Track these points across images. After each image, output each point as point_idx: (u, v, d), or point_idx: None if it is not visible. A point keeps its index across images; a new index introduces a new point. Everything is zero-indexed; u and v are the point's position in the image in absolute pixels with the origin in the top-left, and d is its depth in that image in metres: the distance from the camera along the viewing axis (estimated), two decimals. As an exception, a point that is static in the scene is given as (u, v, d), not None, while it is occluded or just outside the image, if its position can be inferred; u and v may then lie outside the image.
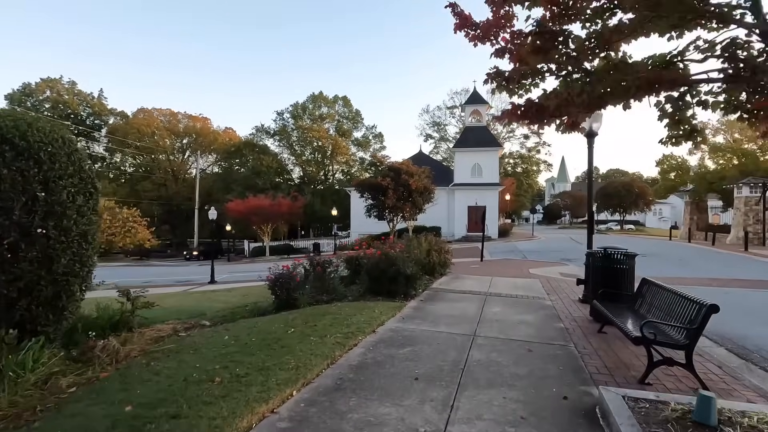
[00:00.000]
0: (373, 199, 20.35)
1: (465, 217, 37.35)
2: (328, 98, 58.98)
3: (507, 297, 8.55)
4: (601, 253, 6.51)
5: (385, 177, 19.51)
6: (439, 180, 37.90)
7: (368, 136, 60.88)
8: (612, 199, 48.19)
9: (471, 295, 8.63)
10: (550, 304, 7.86)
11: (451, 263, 12.36)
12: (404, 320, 6.35)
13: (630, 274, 6.32)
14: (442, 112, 64.31)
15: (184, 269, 33.19)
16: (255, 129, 58.29)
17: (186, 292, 16.22)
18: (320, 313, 6.55)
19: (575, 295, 8.91)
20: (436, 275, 11.26)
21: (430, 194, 21.14)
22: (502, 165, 54.38)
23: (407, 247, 9.76)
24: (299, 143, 56.44)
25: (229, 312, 8.80)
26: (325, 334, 5.24)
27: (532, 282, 10.83)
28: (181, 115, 68.35)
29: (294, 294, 7.98)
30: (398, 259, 8.04)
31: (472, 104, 39.57)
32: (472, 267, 15.80)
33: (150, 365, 4.48)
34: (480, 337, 5.51)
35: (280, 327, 5.75)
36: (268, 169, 47.98)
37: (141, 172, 66.19)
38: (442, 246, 11.83)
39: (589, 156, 8.20)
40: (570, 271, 14.30)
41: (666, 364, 3.97)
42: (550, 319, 6.67)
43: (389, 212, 20.47)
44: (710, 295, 7.60)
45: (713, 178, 31.07)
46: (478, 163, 37.66)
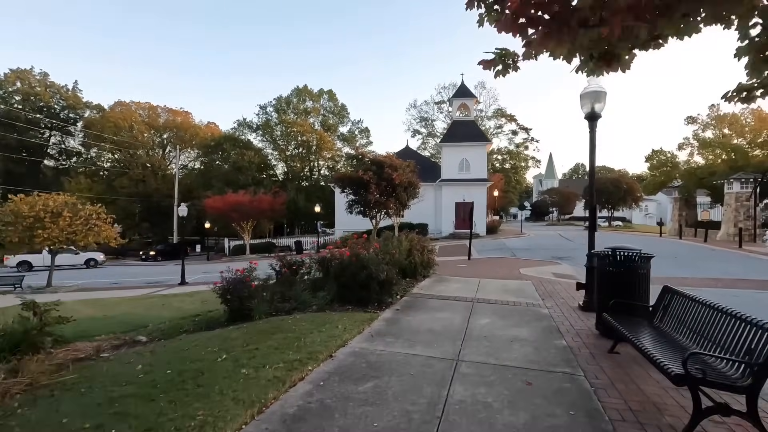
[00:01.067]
0: (355, 194, 19.12)
1: (452, 214, 36.36)
2: (312, 92, 57.36)
3: (497, 304, 7.44)
4: (610, 254, 5.42)
5: (367, 171, 18.28)
6: (427, 176, 36.80)
7: (354, 131, 59.49)
8: (600, 195, 47.66)
9: (456, 302, 7.50)
10: (546, 313, 6.77)
11: (435, 264, 11.23)
12: (373, 338, 5.17)
13: (646, 280, 5.25)
14: (429, 107, 63.26)
15: (158, 269, 31.60)
16: (237, 123, 56.42)
17: (148, 295, 14.83)
18: (270, 330, 5.34)
19: (574, 300, 7.85)
20: (418, 277, 10.14)
21: (415, 189, 19.98)
22: (490, 161, 53.56)
23: (384, 247, 8.58)
24: (283, 138, 54.77)
25: (176, 324, 7.54)
26: (265, 363, 4.03)
27: (524, 284, 9.76)
28: (161, 108, 66.10)
29: (248, 303, 6.75)
30: (370, 261, 6.86)
31: (460, 98, 38.51)
32: (459, 266, 14.73)
33: (7, 416, 3.23)
34: (465, 362, 4.37)
35: (212, 352, 4.52)
36: (249, 165, 46.25)
37: (119, 168, 63.86)
38: (425, 245, 10.69)
39: (591, 142, 7.12)
40: (563, 271, 13.32)
41: (720, 412, 2.87)
42: (549, 333, 5.56)
43: (371, 208, 19.26)
44: (719, 297, 6.61)
45: (703, 174, 30.57)
46: (466, 158, 36.65)
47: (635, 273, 5.22)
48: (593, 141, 7.10)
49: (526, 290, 8.96)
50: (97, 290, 19.13)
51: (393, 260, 8.46)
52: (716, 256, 17.72)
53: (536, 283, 9.94)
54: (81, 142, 64.75)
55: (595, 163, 7.16)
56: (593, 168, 7.17)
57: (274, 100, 55.59)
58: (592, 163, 7.15)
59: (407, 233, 10.90)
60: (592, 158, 7.13)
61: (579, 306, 7.25)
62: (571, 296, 8.31)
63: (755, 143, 31.84)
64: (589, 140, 7.14)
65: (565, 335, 5.49)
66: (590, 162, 7.16)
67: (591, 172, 7.16)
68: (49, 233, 19.02)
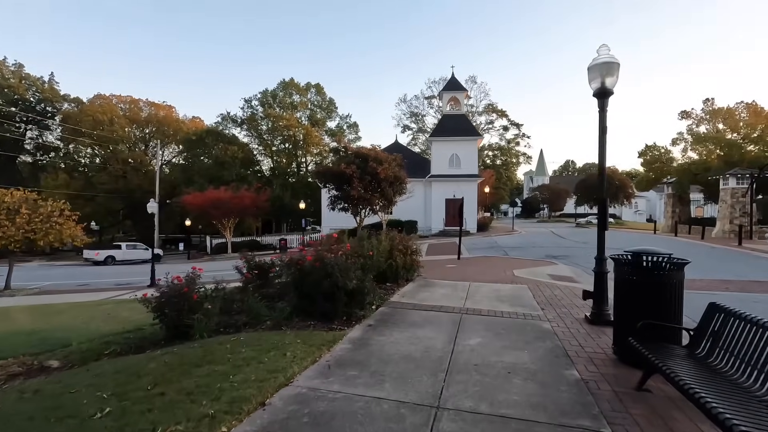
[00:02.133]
0: (337, 189, 17.86)
1: (442, 211, 35.28)
2: (299, 86, 55.75)
3: (490, 316, 6.29)
4: (632, 260, 4.28)
5: (350, 165, 17.01)
6: (417, 172, 35.67)
7: (343, 126, 58.02)
8: (592, 191, 46.98)
9: (441, 314, 6.33)
10: (549, 329, 5.63)
11: (420, 266, 10.05)
12: (329, 372, 3.96)
13: (679, 293, 4.12)
14: (419, 101, 62.09)
15: (136, 269, 30.08)
16: (220, 117, 54.51)
17: (105, 300, 13.43)
18: (197, 360, 4.11)
19: (578, 310, 6.74)
20: (400, 281, 8.96)
21: (402, 185, 18.74)
22: (480, 157, 52.59)
23: (358, 248, 7.38)
24: (269, 133, 53.12)
25: (105, 342, 6.25)
26: (156, 423, 2.80)
27: (520, 290, 8.63)
28: (143, 102, 63.99)
29: (187, 319, 5.51)
30: (338, 267, 5.64)
31: (450, 91, 37.34)
32: (448, 267, 13.59)
33: None
34: (448, 411, 3.19)
35: (98, 399, 3.28)
36: (233, 160, 44.58)
37: (98, 164, 61.67)
38: (408, 245, 9.50)
39: (601, 124, 5.98)
40: (560, 272, 12.25)
41: None
42: (555, 359, 4.42)
43: (355, 205, 18.01)
44: (738, 303, 5.58)
45: (698, 170, 29.87)
46: (456, 153, 35.55)
47: (666, 284, 4.08)
48: (603, 122, 5.97)
49: (523, 297, 7.83)
50: (58, 293, 17.69)
51: (369, 264, 7.27)
52: (718, 254, 16.84)
53: (533, 288, 8.83)
54: (59, 137, 62.41)
55: (605, 149, 6.02)
56: (603, 155, 6.03)
57: (260, 93, 53.93)
58: (602, 149, 6.01)
59: (388, 232, 9.71)
60: (601, 142, 6.00)
61: (586, 318, 6.13)
62: (574, 305, 7.20)
63: (749, 138, 31.23)
64: (599, 121, 6.00)
65: (576, 361, 4.34)
66: (599, 147, 6.02)
67: (601, 158, 6.02)
68: (5, 231, 17.46)
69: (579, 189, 50.31)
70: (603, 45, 5.97)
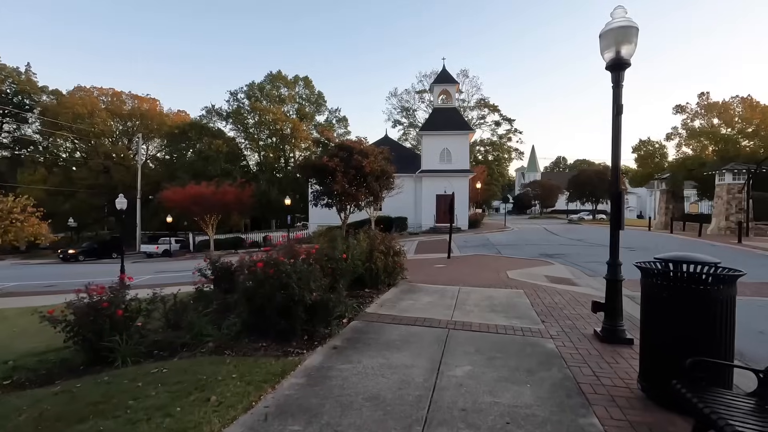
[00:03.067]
0: (320, 184, 16.75)
1: (433, 207, 34.32)
2: (287, 78, 54.26)
3: (482, 332, 5.28)
4: (667, 270, 3.27)
5: (333, 157, 15.90)
6: (407, 167, 34.67)
7: (332, 120, 56.72)
8: (585, 187, 46.43)
9: (424, 331, 5.30)
10: (553, 350, 4.63)
11: (404, 268, 9.01)
12: (264, 426, 2.90)
13: (731, 316, 3.13)
14: (410, 96, 60.94)
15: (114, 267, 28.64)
16: (205, 110, 52.84)
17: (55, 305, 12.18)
18: (89, 406, 3.03)
19: (583, 321, 5.79)
20: (381, 287, 7.92)
21: (389, 179, 17.66)
22: (472, 152, 51.72)
23: (329, 250, 6.32)
24: (256, 127, 51.66)
25: (15, 366, 5.13)
26: None
27: (515, 295, 7.65)
28: (126, 95, 62.05)
29: (105, 342, 4.42)
30: (298, 275, 4.57)
31: (441, 84, 36.30)
32: (436, 268, 12.59)
33: None
34: (420, 501, 2.16)
35: None
36: (217, 155, 43.09)
37: (77, 159, 59.71)
38: (391, 245, 8.46)
39: (616, 101, 4.97)
40: (557, 273, 11.32)
41: None
42: (567, 400, 3.40)
43: (339, 201, 16.92)
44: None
45: (693, 165, 29.25)
46: (448, 147, 34.58)
47: (715, 304, 3.09)
48: (618, 100, 4.96)
49: (519, 305, 6.84)
50: (21, 295, 16.39)
51: (341, 269, 6.22)
52: (719, 253, 16.05)
53: (530, 293, 7.85)
54: (38, 131, 60.22)
55: (620, 133, 5.02)
56: (618, 141, 5.02)
57: (246, 86, 52.37)
58: (617, 133, 5.00)
59: (368, 230, 8.66)
60: (616, 125, 4.99)
61: (596, 334, 5.15)
62: (578, 315, 6.23)
63: (744, 133, 30.67)
64: (613, 100, 4.99)
65: (594, 401, 3.34)
66: (614, 131, 5.01)
67: (615, 144, 5.01)
68: (-41, 229, 16.14)
69: (571, 185, 49.71)
70: (619, 7, 4.95)
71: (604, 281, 9.84)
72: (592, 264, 13.44)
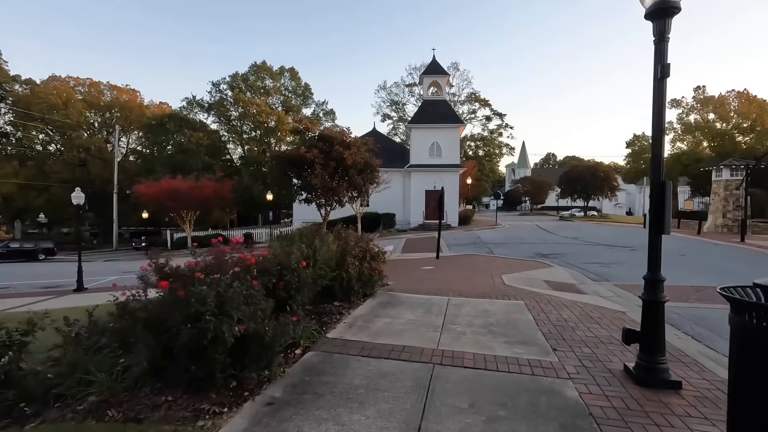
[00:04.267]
0: (298, 177, 15.33)
1: (422, 203, 33.06)
2: (272, 69, 52.33)
3: (478, 369, 3.97)
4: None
5: (311, 148, 14.48)
6: (396, 161, 33.33)
7: (318, 113, 55.01)
8: (576, 184, 45.58)
9: (401, 367, 3.98)
10: (576, 400, 3.35)
11: (384, 275, 7.68)
12: None
13: None
14: (400, 89, 59.52)
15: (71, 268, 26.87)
16: (186, 101, 50.69)
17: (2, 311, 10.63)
18: None
19: (604, 348, 4.54)
20: (354, 298, 6.59)
21: (374, 173, 16.25)
22: (462, 148, 50.57)
23: (283, 257, 4.95)
24: (239, 119, 49.75)
25: None
26: None
27: (515, 309, 6.38)
28: (104, 85, 59.62)
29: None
30: (218, 300, 3.20)
31: (431, 75, 34.93)
32: (424, 270, 11.31)
33: None
34: None
35: None
36: (197, 148, 41.20)
37: (51, 152, 57.17)
38: (368, 247, 7.12)
39: (659, 59, 3.68)
40: (558, 278, 10.10)
41: None
42: None
43: (319, 196, 15.52)
44: None
45: (688, 160, 28.42)
46: (437, 141, 33.28)
47: None
48: (662, 57, 3.67)
49: (521, 323, 5.57)
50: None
51: (297, 281, 4.86)
52: (726, 253, 15.06)
53: (531, 305, 6.59)
54: (9, 122, 57.44)
55: (664, 102, 3.74)
56: (661, 111, 3.74)
57: (229, 77, 50.32)
58: (660, 102, 3.72)
59: (340, 229, 7.31)
60: (658, 91, 3.71)
61: (627, 371, 3.88)
62: (596, 338, 4.98)
63: (740, 128, 29.92)
64: (655, 58, 3.71)
65: None
66: (655, 100, 3.73)
67: (657, 115, 3.72)
68: None
69: (563, 181, 48.82)
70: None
71: (612, 286, 8.57)
72: (593, 266, 12.28)
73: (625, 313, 6.31)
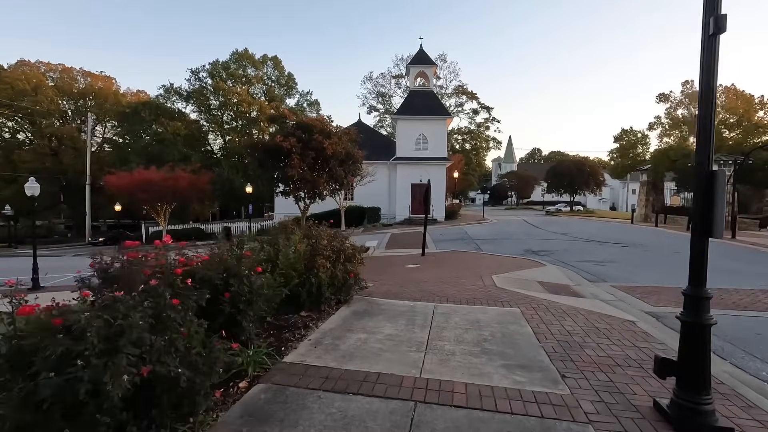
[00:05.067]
0: (275, 168, 14.27)
1: (408, 197, 32.23)
2: (254, 58, 50.58)
3: (470, 410, 3.10)
4: None
5: (288, 137, 13.41)
6: (382, 154, 32.42)
7: (303, 103, 53.52)
8: (563, 178, 45.31)
9: (372, 408, 3.09)
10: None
11: (361, 278, 6.76)
12: None
13: None
14: (386, 80, 58.31)
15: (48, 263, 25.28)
16: (163, 89, 48.65)
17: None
18: None
19: (620, 370, 3.73)
20: (325, 307, 5.66)
21: (356, 164, 15.23)
22: (449, 141, 49.86)
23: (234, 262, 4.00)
24: (220, 109, 48.00)
25: None
26: None
27: (511, 318, 5.54)
28: (77, 71, 56.87)
29: None
30: (106, 333, 2.25)
31: (418, 65, 33.95)
32: (408, 269, 10.45)
33: None
34: None
35: None
36: (174, 138, 39.48)
37: (24, 140, 54.46)
38: (342, 247, 6.19)
39: (709, 8, 2.82)
40: (552, 278, 9.34)
41: None
42: None
43: (296, 188, 14.48)
44: None
45: (676, 155, 28.13)
46: (424, 133, 32.41)
47: None
48: (714, 8, 2.80)
49: (519, 338, 4.73)
50: None
51: (249, 292, 3.92)
52: (721, 251, 14.52)
53: (529, 314, 5.77)
54: (-25, 109, 54.45)
55: (715, 66, 2.88)
56: (711, 74, 2.89)
57: (209, 64, 48.44)
58: (709, 65, 2.86)
59: (311, 225, 6.36)
60: (708, 51, 2.85)
61: (657, 408, 3.06)
62: (609, 359, 4.16)
63: (726, 124, 29.77)
64: (704, 8, 2.84)
65: None
66: (703, 64, 2.87)
67: (705, 81, 2.88)
68: None
69: (549, 176, 48.57)
70: None
71: (611, 288, 7.76)
72: (587, 264, 11.57)
73: (635, 323, 5.53)
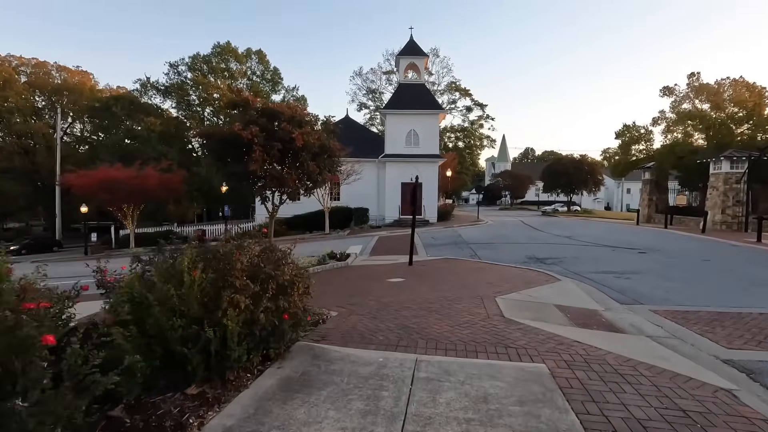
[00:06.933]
0: (235, 162, 12.06)
1: (398, 196, 30.13)
2: (237, 51, 48.18)
3: None
4: None
5: (250, 125, 11.22)
6: (371, 152, 30.31)
7: (288, 99, 51.19)
8: (560, 177, 43.51)
9: None
10: None
11: (307, 313, 4.57)
12: None
13: None
14: (377, 76, 56.22)
15: None
16: (139, 83, 46.06)
17: None
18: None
19: None
20: (236, 375, 3.49)
21: (333, 158, 12.99)
22: (442, 139, 47.83)
23: None
24: (200, 105, 45.55)
25: None
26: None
27: (538, 391, 3.42)
28: (52, 65, 54.02)
29: None
30: None
31: (408, 56, 31.87)
32: (389, 285, 8.32)
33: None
34: None
35: None
36: (149, 134, 36.96)
37: (-8, 137, 51.46)
38: (275, 272, 4.00)
39: None
40: (573, 301, 7.22)
41: None
42: None
43: (261, 187, 12.26)
44: None
45: (683, 152, 26.32)
46: (415, 129, 30.34)
47: None
48: None
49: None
50: None
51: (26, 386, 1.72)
52: (754, 257, 12.65)
53: (564, 377, 3.67)
54: (-60, 105, 51.35)
55: None
56: None
57: (189, 58, 45.95)
58: None
59: (229, 240, 4.19)
60: None
61: None
62: None
63: (734, 119, 28.02)
64: None
65: None
66: None
67: None
68: None
69: (545, 175, 46.76)
70: None
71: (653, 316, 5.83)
72: (607, 276, 9.49)
73: (737, 397, 3.41)
